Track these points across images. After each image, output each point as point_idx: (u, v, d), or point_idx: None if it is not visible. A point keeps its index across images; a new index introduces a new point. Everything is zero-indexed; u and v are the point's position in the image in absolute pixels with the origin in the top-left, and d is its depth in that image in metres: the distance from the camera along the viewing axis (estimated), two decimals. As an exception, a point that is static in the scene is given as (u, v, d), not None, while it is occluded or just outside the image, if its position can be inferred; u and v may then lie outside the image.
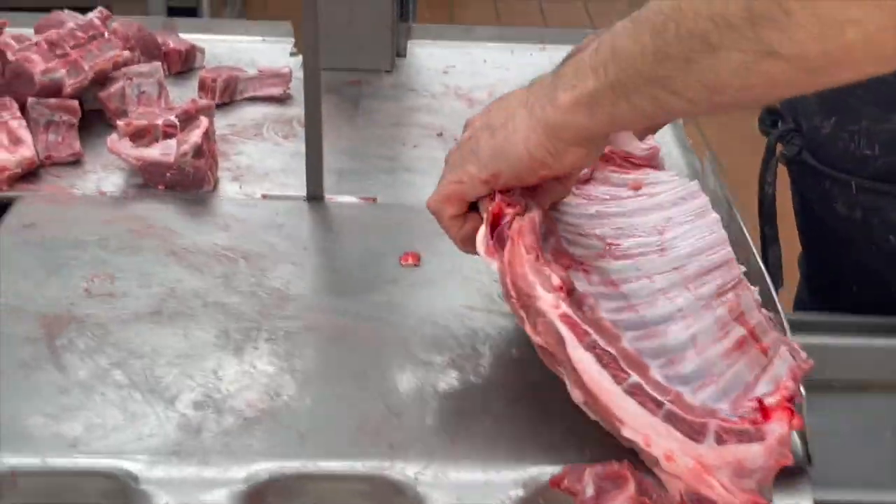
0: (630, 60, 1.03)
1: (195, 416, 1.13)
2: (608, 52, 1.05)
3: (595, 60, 1.06)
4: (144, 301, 1.29)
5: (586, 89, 1.07)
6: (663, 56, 1.00)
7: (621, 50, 1.04)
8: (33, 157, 1.56)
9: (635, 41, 1.02)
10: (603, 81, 1.05)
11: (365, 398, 1.16)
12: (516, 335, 1.24)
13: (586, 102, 1.08)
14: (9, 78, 1.64)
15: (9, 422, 1.11)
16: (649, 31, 1.01)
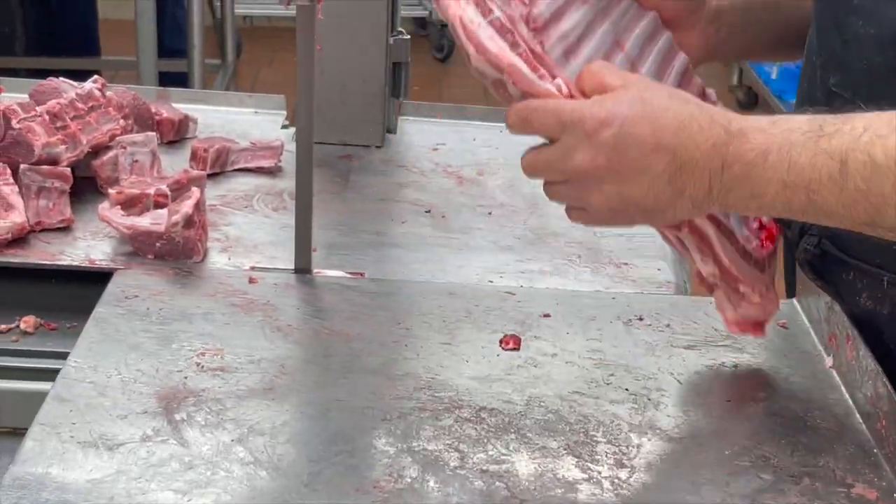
0: (835, 218, 1.02)
1: (321, 495, 1.02)
2: (805, 202, 1.02)
3: (786, 200, 1.03)
4: (257, 376, 1.15)
5: (771, 213, 1.08)
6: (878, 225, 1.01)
7: (825, 209, 1.01)
8: (24, 223, 1.42)
9: (846, 208, 1.00)
10: (794, 215, 1.05)
11: (487, 480, 1.05)
12: (627, 421, 1.13)
13: (758, 211, 1.09)
14: (8, 144, 1.50)
15: (138, 497, 1.00)
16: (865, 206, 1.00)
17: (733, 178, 1.03)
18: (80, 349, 1.19)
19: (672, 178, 1.04)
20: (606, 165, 1.04)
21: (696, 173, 1.03)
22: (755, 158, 1.02)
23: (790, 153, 1.01)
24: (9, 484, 1.00)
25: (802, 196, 1.01)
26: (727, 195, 1.04)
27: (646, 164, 1.04)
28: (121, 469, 1.03)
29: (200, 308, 1.28)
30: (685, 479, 1.07)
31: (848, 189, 0.99)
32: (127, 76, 3.81)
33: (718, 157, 1.03)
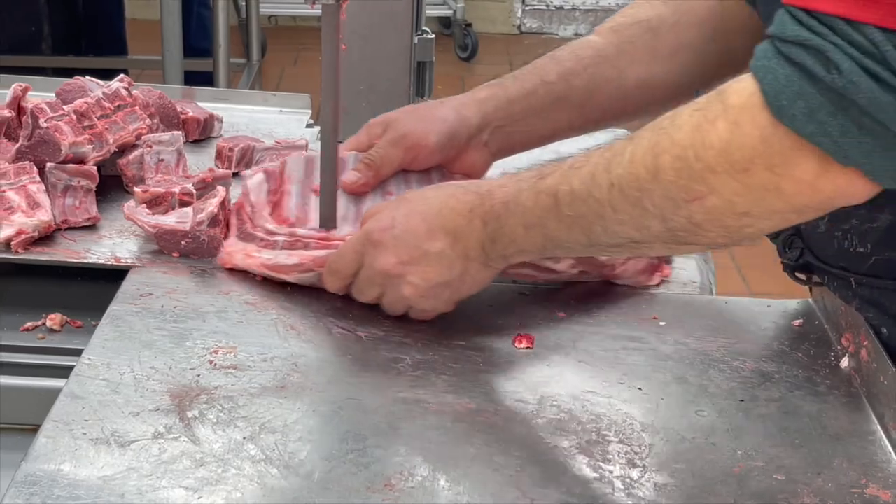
0: (568, 245, 1.19)
1: (332, 493, 1.01)
2: (542, 238, 1.18)
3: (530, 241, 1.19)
4: (270, 374, 1.15)
5: (532, 255, 1.24)
6: (596, 244, 1.17)
7: (556, 239, 1.17)
8: (50, 221, 1.42)
9: (567, 234, 1.16)
10: (545, 252, 1.22)
11: (497, 481, 1.03)
12: (640, 420, 1.13)
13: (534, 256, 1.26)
14: (35, 142, 1.50)
15: (149, 494, 1.00)
16: (578, 229, 1.15)
17: (493, 231, 1.20)
18: (94, 347, 1.19)
19: (453, 249, 1.21)
20: (400, 261, 1.22)
21: (468, 238, 1.21)
22: (500, 211, 1.19)
23: (520, 198, 1.18)
24: (21, 480, 0.99)
25: (538, 232, 1.17)
26: (495, 246, 1.20)
27: (428, 248, 1.21)
28: (132, 466, 1.02)
29: (214, 306, 1.27)
30: (697, 478, 1.06)
31: (563, 217, 1.15)
32: (153, 75, 3.82)
33: (477, 218, 1.20)
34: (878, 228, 1.19)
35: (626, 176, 1.10)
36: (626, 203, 1.10)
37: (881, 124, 0.98)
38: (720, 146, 1.04)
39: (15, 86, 1.64)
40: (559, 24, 5.98)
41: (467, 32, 5.43)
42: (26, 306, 1.32)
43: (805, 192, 1.03)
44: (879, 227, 1.19)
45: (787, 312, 1.32)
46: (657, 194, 1.08)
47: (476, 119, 1.41)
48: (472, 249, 1.21)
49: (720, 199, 1.05)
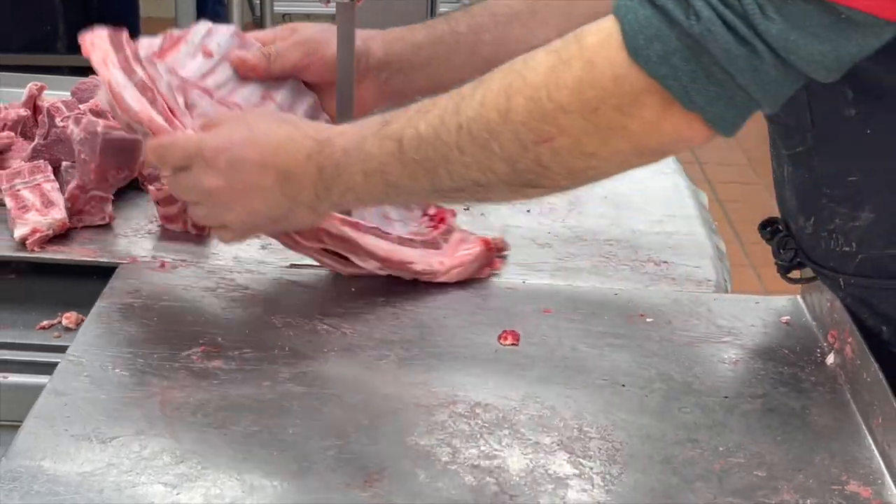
0: (409, 191, 1.18)
1: (310, 490, 1.01)
2: (383, 184, 1.17)
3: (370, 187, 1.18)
4: (255, 372, 1.15)
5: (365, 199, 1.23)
6: (439, 189, 1.16)
7: (397, 185, 1.17)
8: (65, 220, 1.42)
9: (410, 179, 1.15)
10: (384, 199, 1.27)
11: (477, 475, 1.04)
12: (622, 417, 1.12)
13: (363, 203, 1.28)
14: (51, 141, 1.50)
15: (128, 490, 1.00)
16: (422, 174, 1.14)
17: (329, 178, 1.19)
18: (79, 343, 1.19)
19: (282, 189, 1.20)
20: (228, 186, 1.21)
21: (300, 182, 1.20)
22: (339, 158, 1.18)
23: (363, 145, 1.17)
24: (0, 476, 1.00)
25: (379, 178, 1.17)
26: (330, 193, 1.20)
27: (257, 180, 1.21)
28: (112, 462, 1.03)
29: (201, 303, 1.28)
30: (678, 475, 1.06)
31: (407, 163, 1.14)
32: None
33: (313, 164, 1.19)
34: (861, 227, 1.19)
35: (477, 118, 1.10)
36: (473, 145, 1.10)
37: (729, 75, 1.01)
38: (573, 85, 1.06)
39: (30, 85, 1.65)
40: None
41: (481, 31, 5.43)
42: (42, 305, 1.33)
43: (649, 132, 1.06)
44: (861, 225, 1.19)
45: (775, 309, 1.31)
46: (506, 136, 1.09)
47: (380, 54, 1.42)
48: (302, 193, 1.21)
49: (569, 140, 1.07)
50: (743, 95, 1.03)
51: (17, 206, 1.42)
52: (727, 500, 1.03)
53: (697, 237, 1.52)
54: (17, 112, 1.61)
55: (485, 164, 1.11)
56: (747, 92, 1.03)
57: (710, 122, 1.05)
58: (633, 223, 1.54)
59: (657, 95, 1.04)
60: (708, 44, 1.00)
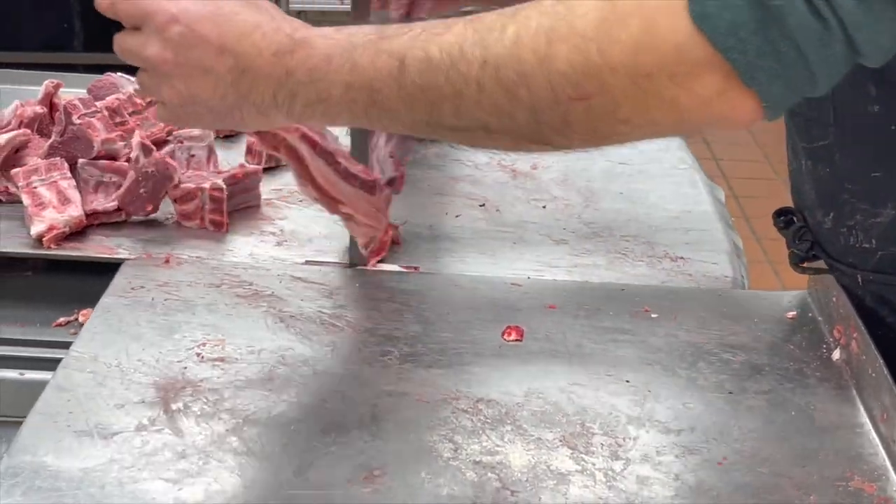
0: (398, 117, 1.03)
1: (312, 486, 1.01)
2: (368, 102, 1.03)
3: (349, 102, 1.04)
4: (257, 367, 1.15)
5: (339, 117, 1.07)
6: (437, 123, 1.02)
7: (387, 107, 1.03)
8: (81, 217, 1.43)
9: (405, 104, 1.02)
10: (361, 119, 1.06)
11: (479, 472, 1.03)
12: (626, 413, 1.12)
13: (330, 121, 1.12)
14: (67, 139, 1.51)
15: (130, 485, 1.00)
16: (422, 101, 1.01)
17: (297, 84, 1.04)
18: (83, 339, 1.19)
19: (235, 82, 1.06)
20: (174, 60, 1.07)
21: (259, 80, 1.06)
22: (318, 63, 1.03)
23: (352, 55, 1.02)
24: (2, 472, 1.00)
25: (365, 95, 1.02)
26: (293, 101, 1.05)
27: (210, 64, 1.07)
28: (114, 458, 1.02)
29: (205, 299, 1.27)
30: (680, 471, 1.05)
31: (406, 86, 1.00)
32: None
33: (281, 65, 1.05)
34: (882, 223, 1.18)
35: (507, 56, 0.97)
36: (497, 85, 0.98)
37: (798, 51, 0.93)
38: (629, 45, 0.94)
39: (47, 82, 1.66)
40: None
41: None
42: (58, 302, 1.34)
43: (699, 107, 0.97)
44: (883, 221, 1.18)
45: (782, 304, 1.30)
46: (538, 83, 0.97)
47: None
48: (256, 93, 1.06)
49: (607, 101, 0.96)
50: (804, 74, 0.94)
51: (33, 204, 1.43)
52: (731, 495, 1.02)
53: (714, 233, 1.52)
54: (33, 109, 1.62)
55: (503, 109, 0.99)
56: (811, 70, 0.94)
57: (765, 101, 0.96)
58: (650, 219, 1.53)
59: (717, 69, 0.94)
60: (785, 15, 0.91)
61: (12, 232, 1.44)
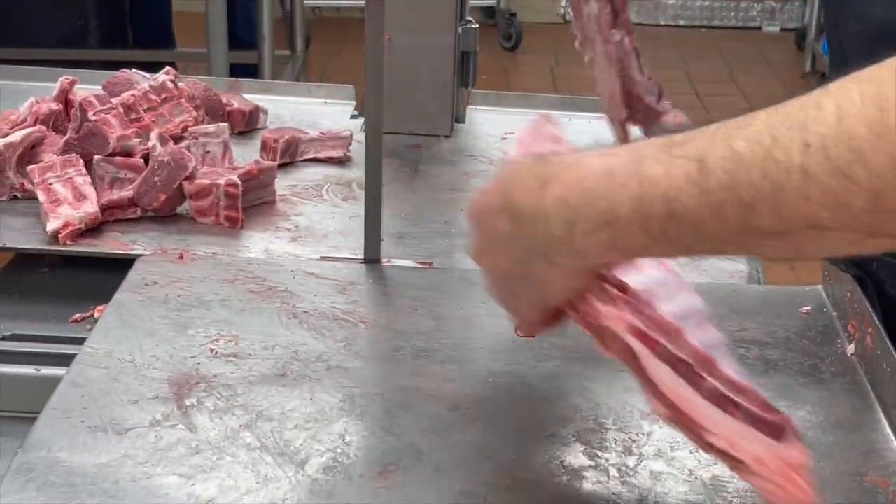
0: (703, 229, 0.85)
1: (325, 481, 1.01)
2: (664, 216, 0.86)
3: (642, 219, 0.87)
4: (270, 363, 1.15)
5: (633, 244, 0.89)
6: (752, 231, 0.84)
7: (688, 219, 0.85)
8: (97, 213, 1.43)
9: (712, 212, 0.84)
10: (660, 240, 0.87)
11: (491, 468, 1.03)
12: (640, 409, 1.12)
13: (633, 253, 0.93)
14: (83, 135, 1.51)
15: (143, 481, 1.00)
16: (733, 204, 0.83)
17: (573, 210, 0.91)
18: (97, 335, 1.19)
19: (517, 232, 0.96)
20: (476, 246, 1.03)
21: (533, 219, 0.94)
22: (596, 182, 0.90)
23: (640, 166, 0.87)
24: (16, 468, 1.00)
25: (660, 207, 0.86)
26: (572, 232, 0.91)
27: (495, 227, 0.98)
28: (128, 453, 1.03)
29: (219, 295, 1.28)
30: (694, 466, 1.05)
31: (710, 189, 0.84)
32: (198, 68, 3.84)
33: (550, 194, 0.93)
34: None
35: (834, 134, 0.80)
36: (826, 169, 0.80)
37: None
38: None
39: (62, 79, 1.66)
40: (604, 13, 5.93)
41: (511, 22, 5.42)
42: (74, 298, 1.34)
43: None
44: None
45: (796, 299, 1.30)
46: (878, 160, 0.79)
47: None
48: (536, 235, 0.94)
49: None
50: None
51: (49, 200, 1.44)
52: (744, 491, 1.02)
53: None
54: (48, 106, 1.62)
55: (837, 197, 0.80)
56: None
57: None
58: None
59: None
60: None
61: (28, 228, 1.45)
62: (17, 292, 1.40)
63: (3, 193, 1.52)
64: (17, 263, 1.47)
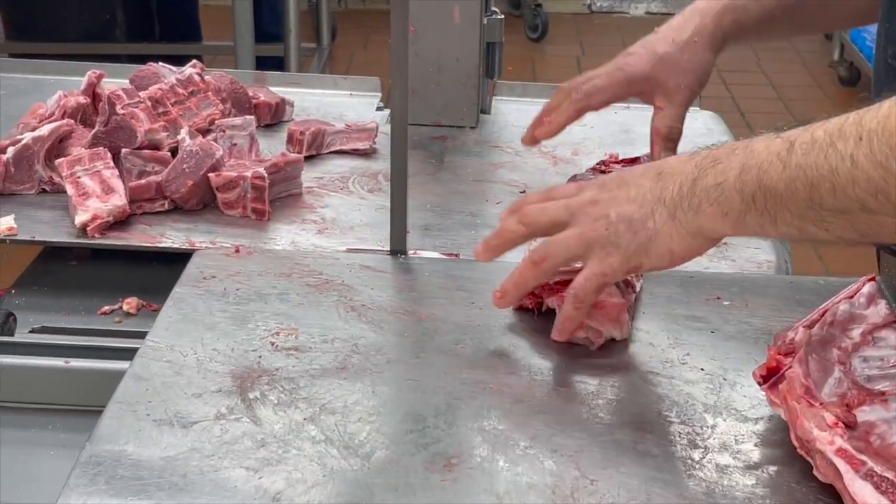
0: (781, 200, 1.03)
1: (391, 473, 1.01)
2: (755, 184, 1.04)
3: (741, 185, 1.06)
4: (331, 356, 1.15)
5: (734, 209, 1.07)
6: (817, 205, 1.01)
7: (771, 189, 1.03)
8: (125, 206, 1.44)
9: (787, 186, 1.02)
10: (752, 207, 1.05)
11: (557, 460, 1.03)
12: (702, 402, 1.12)
13: (734, 219, 1.07)
14: (111, 129, 1.52)
15: (211, 474, 1.00)
16: (802, 181, 1.01)
17: (700, 171, 1.09)
18: (158, 329, 1.20)
19: (652, 186, 1.12)
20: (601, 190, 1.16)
21: (672, 176, 1.11)
22: (722, 152, 1.09)
23: (752, 144, 1.06)
24: (84, 461, 1.01)
25: (755, 175, 1.04)
26: (694, 190, 1.09)
27: (633, 180, 1.15)
28: (194, 447, 1.03)
29: (276, 288, 1.28)
30: (761, 459, 1.05)
31: (790, 165, 1.02)
32: (224, 61, 3.85)
33: (691, 162, 1.11)
34: None
35: (878, 130, 0.97)
36: (869, 160, 0.97)
37: None
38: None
39: (90, 73, 1.67)
40: (630, 3, 5.93)
41: (537, 13, 5.41)
42: (103, 290, 1.35)
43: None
44: None
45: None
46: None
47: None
48: (667, 189, 1.11)
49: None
50: None
51: (77, 193, 1.44)
52: (809, 482, 1.02)
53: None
54: (76, 100, 1.63)
55: (878, 185, 0.96)
56: None
57: None
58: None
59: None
60: None
61: (57, 222, 1.46)
62: (46, 285, 1.41)
63: (31, 187, 1.53)
64: (45, 256, 1.48)
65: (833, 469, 0.98)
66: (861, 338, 1.11)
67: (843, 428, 1.00)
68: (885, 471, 0.96)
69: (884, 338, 1.12)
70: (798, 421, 1.02)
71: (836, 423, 1.00)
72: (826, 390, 1.05)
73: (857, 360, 1.09)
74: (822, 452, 0.99)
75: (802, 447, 1.02)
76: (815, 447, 1.00)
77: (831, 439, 0.99)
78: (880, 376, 1.07)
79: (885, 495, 0.94)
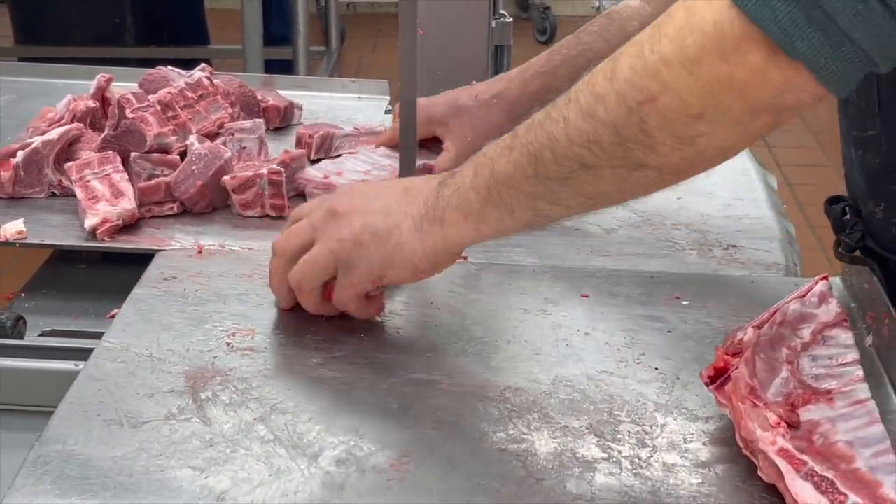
0: (511, 181, 1.09)
1: (338, 473, 1.01)
2: (488, 175, 1.10)
3: (476, 183, 1.11)
4: (286, 357, 1.16)
5: (473, 208, 1.11)
6: (543, 177, 1.07)
7: (502, 175, 1.09)
8: (134, 210, 1.44)
9: (515, 166, 1.08)
10: (488, 201, 1.10)
11: (504, 459, 1.03)
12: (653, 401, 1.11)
13: (475, 219, 1.12)
14: (121, 133, 1.52)
15: (157, 474, 1.01)
16: (526, 157, 1.07)
17: (442, 182, 1.14)
18: (115, 329, 1.20)
19: (399, 199, 1.16)
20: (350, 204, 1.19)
21: (417, 193, 1.16)
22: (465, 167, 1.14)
23: (486, 150, 1.12)
24: (32, 461, 1.01)
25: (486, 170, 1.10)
26: (437, 202, 1.13)
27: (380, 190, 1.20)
28: (142, 447, 1.03)
29: (236, 289, 1.29)
30: (708, 458, 1.04)
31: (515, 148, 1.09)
32: (233, 64, 3.87)
33: (435, 180, 1.16)
34: None
35: (585, 86, 1.05)
36: (579, 114, 1.04)
37: (829, 17, 0.92)
38: (674, 34, 0.99)
39: (99, 76, 1.68)
40: (640, 5, 5.91)
41: (546, 15, 5.41)
42: (112, 294, 1.35)
43: (756, 81, 0.97)
44: None
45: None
46: (611, 98, 1.02)
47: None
48: (414, 204, 1.15)
49: (673, 99, 0.99)
50: (849, 45, 0.93)
51: (87, 197, 1.45)
52: (755, 481, 1.01)
53: (766, 221, 1.51)
54: (85, 104, 1.64)
55: (589, 135, 1.03)
56: (852, 40, 0.93)
57: (814, 71, 0.95)
58: (701, 207, 1.53)
59: (760, 42, 0.95)
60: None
61: (66, 225, 1.47)
62: (56, 288, 1.42)
63: (41, 191, 1.54)
64: (55, 260, 1.49)
65: (775, 469, 0.98)
66: (811, 337, 1.11)
67: (785, 428, 0.99)
68: (826, 470, 0.96)
69: (833, 336, 1.11)
70: (742, 421, 1.02)
71: (778, 423, 0.99)
72: (772, 390, 1.04)
73: (806, 360, 1.09)
74: (765, 453, 0.99)
75: (747, 447, 1.02)
76: (758, 447, 0.99)
77: (773, 439, 0.98)
78: (827, 375, 1.07)
79: (825, 495, 0.94)
